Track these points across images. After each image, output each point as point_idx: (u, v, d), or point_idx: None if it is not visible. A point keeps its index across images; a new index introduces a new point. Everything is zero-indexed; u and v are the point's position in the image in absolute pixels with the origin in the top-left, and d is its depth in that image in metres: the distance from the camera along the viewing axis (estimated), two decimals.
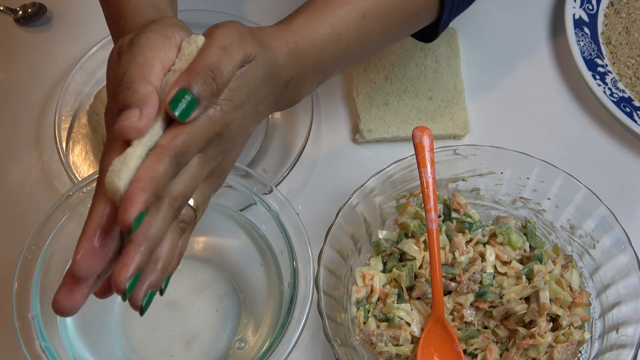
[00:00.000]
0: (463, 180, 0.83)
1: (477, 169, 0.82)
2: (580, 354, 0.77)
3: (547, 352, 0.75)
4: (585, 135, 0.93)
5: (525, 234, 0.81)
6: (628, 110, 0.91)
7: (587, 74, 0.92)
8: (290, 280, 0.74)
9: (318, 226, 0.80)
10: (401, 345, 0.76)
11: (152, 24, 0.60)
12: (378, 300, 0.79)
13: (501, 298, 0.76)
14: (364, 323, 0.77)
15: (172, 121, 0.56)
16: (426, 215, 0.74)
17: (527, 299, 0.76)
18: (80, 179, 0.84)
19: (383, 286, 0.79)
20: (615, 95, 0.92)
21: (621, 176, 0.91)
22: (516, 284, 0.77)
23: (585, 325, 0.78)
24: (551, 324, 0.76)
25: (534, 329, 0.75)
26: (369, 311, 0.78)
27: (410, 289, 0.79)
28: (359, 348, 0.77)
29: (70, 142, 0.91)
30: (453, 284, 0.77)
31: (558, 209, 0.81)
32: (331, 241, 0.76)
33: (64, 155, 0.88)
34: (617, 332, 0.75)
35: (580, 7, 0.96)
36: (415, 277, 0.79)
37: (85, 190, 0.75)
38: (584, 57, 0.93)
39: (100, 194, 0.54)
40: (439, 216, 0.81)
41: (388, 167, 0.80)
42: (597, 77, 0.92)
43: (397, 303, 0.78)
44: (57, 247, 0.75)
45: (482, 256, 0.78)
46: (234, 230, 0.82)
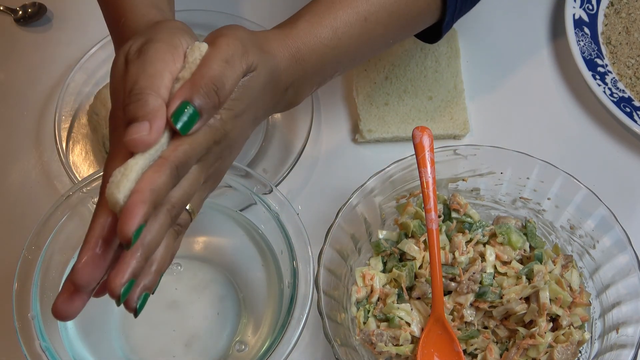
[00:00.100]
0: (463, 180, 0.83)
1: (477, 169, 0.82)
2: (580, 354, 0.77)
3: (547, 352, 0.75)
4: (585, 135, 0.93)
5: (525, 234, 0.81)
6: (628, 110, 0.91)
7: (587, 74, 0.92)
8: (290, 280, 0.74)
9: (318, 226, 0.80)
10: (401, 345, 0.76)
11: (159, 31, 0.59)
12: (378, 300, 0.79)
13: (501, 298, 0.76)
14: (364, 323, 0.77)
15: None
16: (426, 215, 0.74)
17: (527, 299, 0.76)
18: (80, 179, 0.84)
19: (383, 286, 0.79)
20: (615, 95, 0.92)
21: (621, 176, 0.91)
22: (516, 284, 0.77)
23: (585, 325, 0.78)
24: (551, 324, 0.76)
25: (534, 329, 0.75)
26: (369, 311, 0.78)
27: (410, 289, 0.79)
28: (359, 348, 0.77)
29: (70, 142, 0.91)
30: (453, 284, 0.77)
31: (558, 209, 0.81)
32: (331, 241, 0.76)
33: (64, 155, 0.88)
34: (617, 332, 0.75)
35: (580, 7, 0.96)
36: (415, 277, 0.79)
37: (85, 190, 0.75)
38: (584, 57, 0.93)
39: (103, 204, 0.53)
40: (439, 216, 0.81)
41: (388, 167, 0.80)
42: (597, 77, 0.92)
43: (397, 303, 0.78)
44: (57, 247, 0.75)
45: (482, 256, 0.78)
46: (234, 230, 0.82)
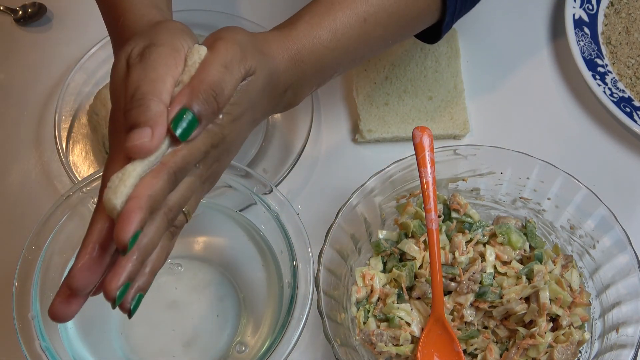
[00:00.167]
0: (463, 180, 0.83)
1: (477, 169, 0.82)
2: (580, 354, 0.77)
3: (547, 352, 0.75)
4: (585, 135, 0.93)
5: (525, 234, 0.81)
6: (628, 110, 0.91)
7: (587, 74, 0.92)
8: (290, 280, 0.74)
9: (318, 226, 0.80)
10: (401, 345, 0.76)
11: (160, 33, 0.59)
12: (378, 300, 0.79)
13: (501, 298, 0.76)
14: (364, 323, 0.77)
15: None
16: (426, 215, 0.74)
17: (527, 299, 0.76)
18: (80, 179, 0.84)
19: (383, 286, 0.79)
20: (615, 95, 0.92)
21: (621, 176, 0.91)
22: (516, 284, 0.77)
23: (585, 325, 0.78)
24: (551, 324, 0.76)
25: (534, 329, 0.75)
26: (369, 311, 0.78)
27: (410, 289, 0.79)
28: (359, 348, 0.77)
29: (70, 142, 0.91)
30: (453, 284, 0.77)
31: (558, 209, 0.81)
32: (331, 241, 0.76)
33: (64, 155, 0.88)
34: (617, 332, 0.75)
35: (580, 7, 0.96)
36: (415, 277, 0.79)
37: (85, 190, 0.75)
38: (584, 57, 0.93)
39: (101, 208, 0.53)
40: (439, 216, 0.81)
41: (388, 167, 0.80)
42: (597, 77, 0.92)
43: (397, 303, 0.78)
44: (57, 247, 0.74)
45: (482, 256, 0.78)
46: (234, 230, 0.82)
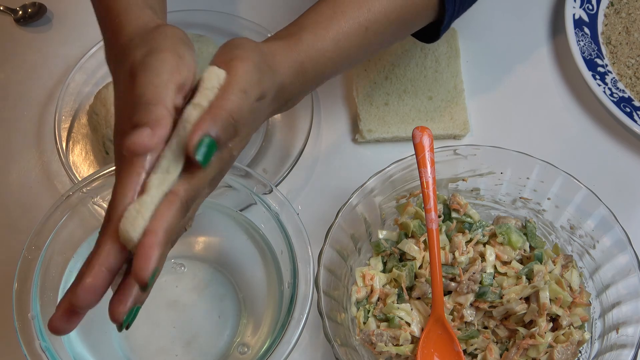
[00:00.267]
0: (463, 180, 0.83)
1: (477, 169, 0.82)
2: (580, 354, 0.77)
3: (547, 352, 0.75)
4: (585, 135, 0.93)
5: (525, 234, 0.81)
6: (628, 110, 0.91)
7: (587, 74, 0.92)
8: (290, 280, 0.74)
9: (318, 226, 0.80)
10: (401, 345, 0.76)
11: (161, 40, 0.59)
12: (378, 300, 0.79)
13: (501, 298, 0.76)
14: (364, 323, 0.77)
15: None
16: (426, 215, 0.74)
17: (527, 299, 0.76)
18: (80, 179, 0.84)
19: (383, 286, 0.79)
20: (615, 95, 0.92)
21: (621, 176, 0.91)
22: (516, 284, 0.77)
23: (585, 325, 0.78)
24: (551, 324, 0.76)
25: (534, 329, 0.75)
26: (369, 311, 0.78)
27: (410, 289, 0.79)
28: (359, 348, 0.77)
29: (70, 142, 0.91)
30: (453, 284, 0.77)
31: (558, 209, 0.81)
32: (331, 241, 0.76)
33: (64, 155, 0.88)
34: (617, 332, 0.75)
35: (580, 7, 0.96)
36: (415, 277, 0.79)
37: (85, 190, 0.75)
38: (584, 57, 0.93)
39: (109, 232, 0.53)
40: (439, 216, 0.81)
41: (388, 167, 0.80)
42: (597, 77, 0.92)
43: (397, 303, 0.78)
44: (57, 247, 0.74)
45: (482, 256, 0.78)
46: (234, 230, 0.82)
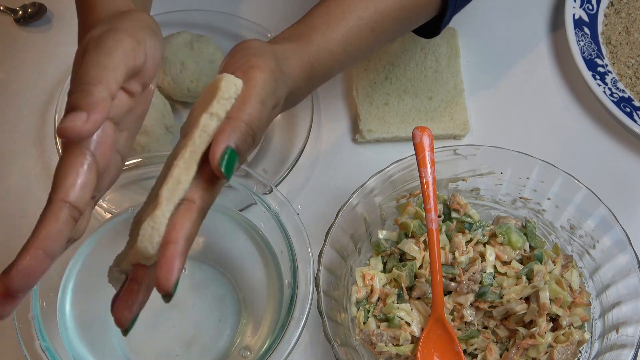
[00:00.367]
0: (463, 180, 0.83)
1: (477, 169, 0.82)
2: (580, 354, 0.77)
3: (547, 352, 0.75)
4: (585, 135, 0.93)
5: (525, 234, 0.81)
6: (628, 110, 0.91)
7: (587, 74, 0.92)
8: (290, 280, 0.74)
9: (318, 226, 0.80)
10: (401, 345, 0.76)
11: (123, 21, 0.57)
12: (378, 300, 0.79)
13: (501, 298, 0.76)
14: (364, 323, 0.77)
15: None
16: (426, 215, 0.74)
17: (527, 299, 0.76)
18: None
19: (383, 286, 0.79)
20: (615, 95, 0.92)
21: (621, 176, 0.91)
22: (516, 284, 0.77)
23: (585, 325, 0.78)
24: (551, 324, 0.76)
25: (534, 329, 0.75)
26: (369, 311, 0.78)
27: (410, 289, 0.79)
28: (359, 348, 0.77)
29: None
30: (453, 284, 0.77)
31: (558, 209, 0.81)
32: (331, 241, 0.76)
33: None
34: (617, 332, 0.75)
35: (580, 7, 0.96)
36: (415, 277, 0.78)
37: None
38: (584, 57, 0.93)
39: (53, 210, 0.53)
40: (439, 216, 0.81)
41: (388, 167, 0.80)
42: (597, 77, 0.92)
43: (397, 303, 0.78)
44: None
45: (482, 256, 0.78)
46: (234, 230, 0.82)
